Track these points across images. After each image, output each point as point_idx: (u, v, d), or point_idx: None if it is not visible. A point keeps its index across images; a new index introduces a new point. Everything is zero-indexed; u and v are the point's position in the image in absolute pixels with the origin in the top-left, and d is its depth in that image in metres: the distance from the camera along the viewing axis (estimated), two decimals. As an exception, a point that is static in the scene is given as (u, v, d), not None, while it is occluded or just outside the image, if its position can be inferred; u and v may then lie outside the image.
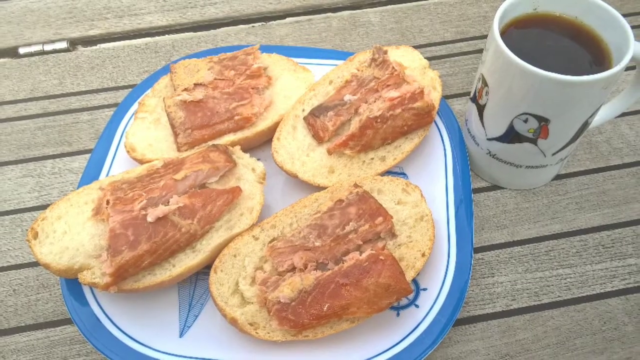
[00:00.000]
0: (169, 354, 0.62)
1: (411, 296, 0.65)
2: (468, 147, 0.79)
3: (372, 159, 0.75)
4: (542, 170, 0.74)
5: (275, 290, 0.61)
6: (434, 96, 0.78)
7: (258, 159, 0.74)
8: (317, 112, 0.75)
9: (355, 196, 0.66)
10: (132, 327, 0.64)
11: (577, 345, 0.65)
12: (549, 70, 0.60)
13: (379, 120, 0.72)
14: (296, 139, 0.76)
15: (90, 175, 0.76)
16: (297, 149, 0.75)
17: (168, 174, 0.67)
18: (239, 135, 0.76)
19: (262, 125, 0.77)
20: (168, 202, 0.64)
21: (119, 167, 0.77)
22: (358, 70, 0.80)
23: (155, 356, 0.62)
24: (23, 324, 0.68)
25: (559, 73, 0.59)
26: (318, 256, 0.63)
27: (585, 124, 0.68)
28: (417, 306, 0.65)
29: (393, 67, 0.76)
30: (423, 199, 0.69)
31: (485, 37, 0.98)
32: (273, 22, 1.04)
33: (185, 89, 0.78)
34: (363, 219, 0.65)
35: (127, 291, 0.62)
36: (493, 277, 0.71)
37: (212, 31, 1.03)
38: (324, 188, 0.71)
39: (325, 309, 0.59)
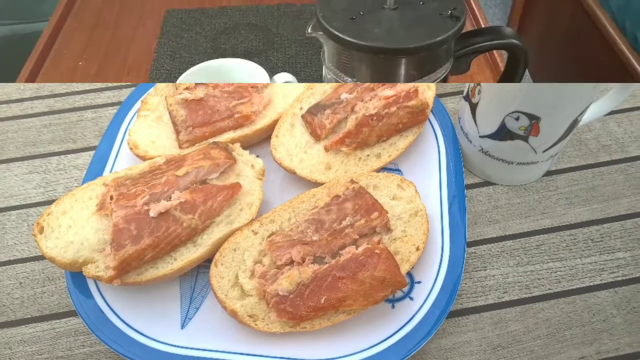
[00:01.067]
0: (171, 344, 0.63)
1: (406, 289, 0.67)
2: (461, 144, 0.81)
3: (368, 155, 0.76)
4: (533, 166, 0.76)
5: (274, 283, 0.62)
6: (428, 95, 0.79)
7: (257, 156, 0.75)
8: (315, 110, 0.76)
9: (352, 192, 0.68)
10: (135, 319, 0.65)
11: (567, 336, 0.66)
12: (538, 70, 0.61)
13: (374, 118, 0.74)
14: (294, 137, 0.77)
15: (94, 171, 0.77)
16: (295, 146, 0.76)
17: (170, 171, 0.68)
18: (239, 132, 0.77)
19: (261, 123, 0.79)
20: (170, 198, 0.65)
21: (122, 163, 0.78)
22: (355, 69, 0.81)
23: (157, 347, 0.63)
24: (29, 316, 0.70)
25: (548, 72, 0.61)
26: (315, 250, 0.64)
27: (575, 122, 0.69)
28: (411, 299, 0.66)
29: (389, 67, 0.78)
30: (417, 194, 0.71)
31: (480, 37, 0.99)
32: (272, 22, 1.05)
33: (187, 88, 0.79)
34: (359, 214, 0.66)
35: (130, 284, 0.63)
36: (485, 270, 0.72)
37: (212, 31, 1.04)
38: (321, 184, 0.72)
39: (322, 301, 0.60)
